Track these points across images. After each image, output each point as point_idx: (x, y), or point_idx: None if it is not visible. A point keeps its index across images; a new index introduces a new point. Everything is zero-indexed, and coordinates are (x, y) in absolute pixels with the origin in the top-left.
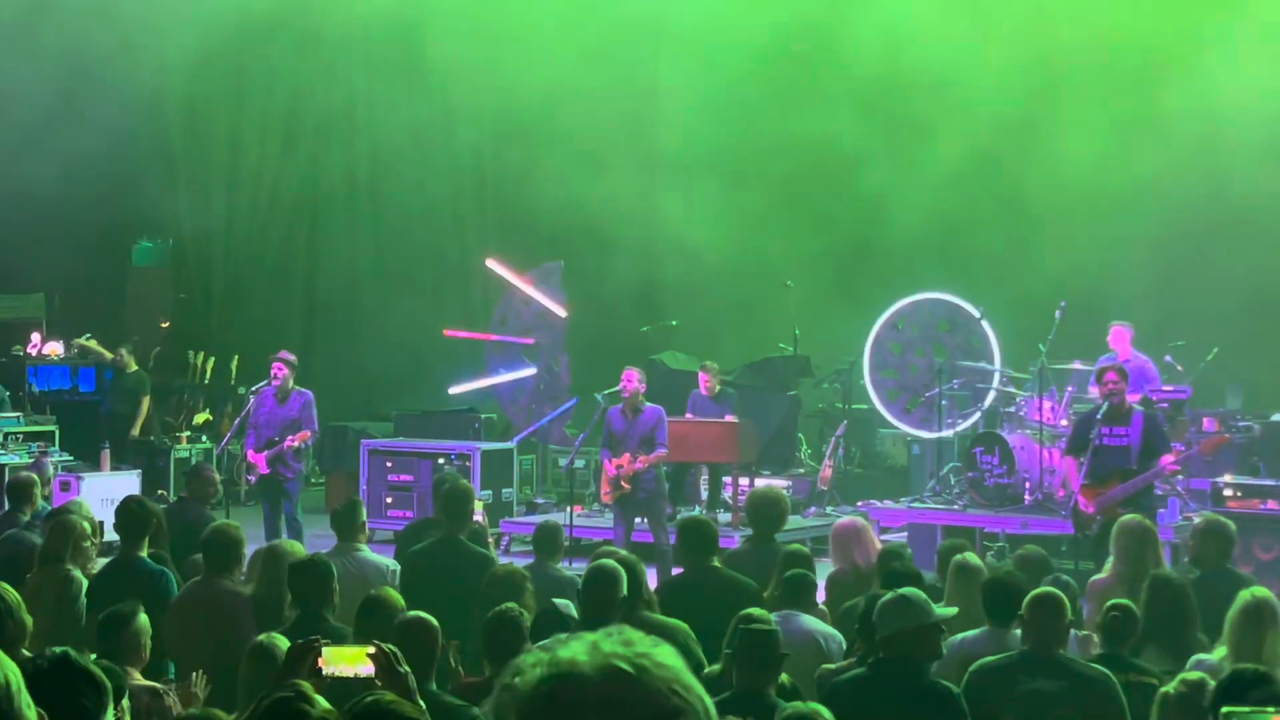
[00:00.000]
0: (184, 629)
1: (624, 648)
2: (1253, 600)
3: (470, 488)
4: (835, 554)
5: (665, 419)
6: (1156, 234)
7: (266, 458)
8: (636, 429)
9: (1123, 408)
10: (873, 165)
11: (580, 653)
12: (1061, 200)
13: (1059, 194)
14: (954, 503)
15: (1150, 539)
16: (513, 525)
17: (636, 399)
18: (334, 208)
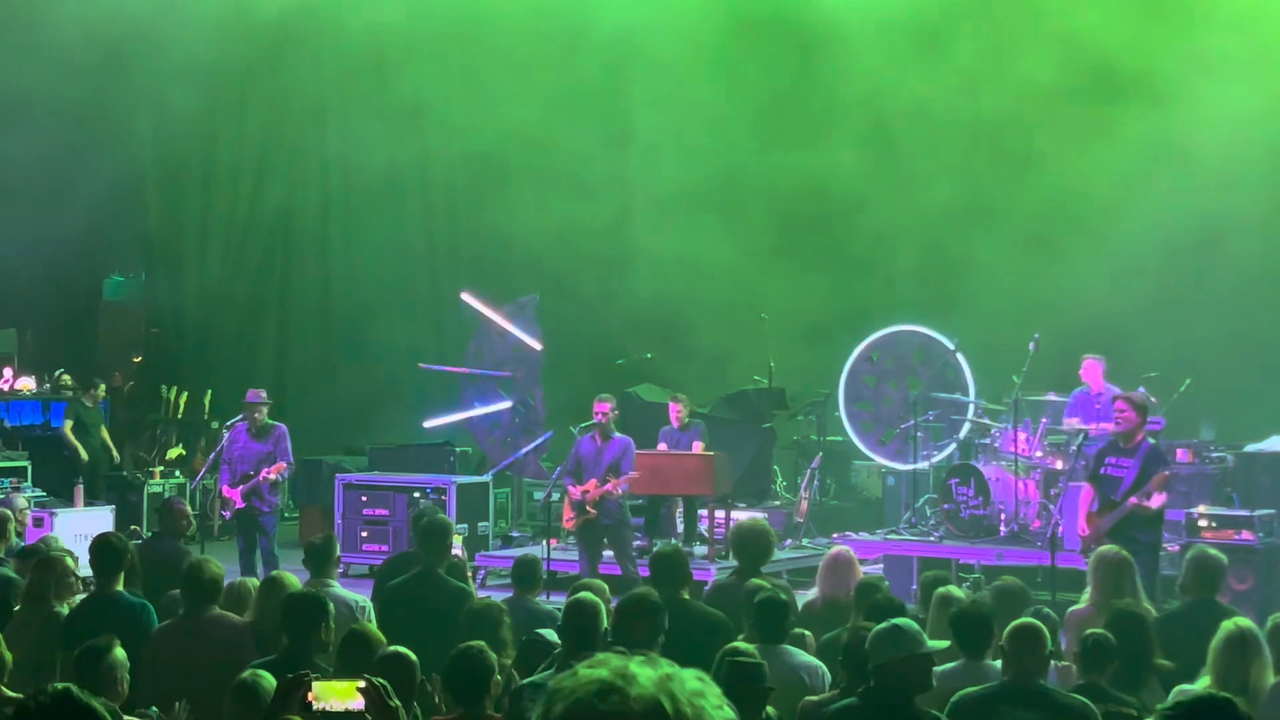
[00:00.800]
0: (170, 665)
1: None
2: (1236, 630)
3: (448, 521)
4: (823, 582)
5: (634, 450)
6: (1130, 266)
7: (242, 491)
8: (605, 456)
9: (1131, 439)
10: (850, 198)
11: (649, 676)
12: (1036, 232)
13: (1033, 226)
14: (930, 534)
15: (1127, 570)
16: (489, 559)
17: (609, 426)
18: (307, 241)
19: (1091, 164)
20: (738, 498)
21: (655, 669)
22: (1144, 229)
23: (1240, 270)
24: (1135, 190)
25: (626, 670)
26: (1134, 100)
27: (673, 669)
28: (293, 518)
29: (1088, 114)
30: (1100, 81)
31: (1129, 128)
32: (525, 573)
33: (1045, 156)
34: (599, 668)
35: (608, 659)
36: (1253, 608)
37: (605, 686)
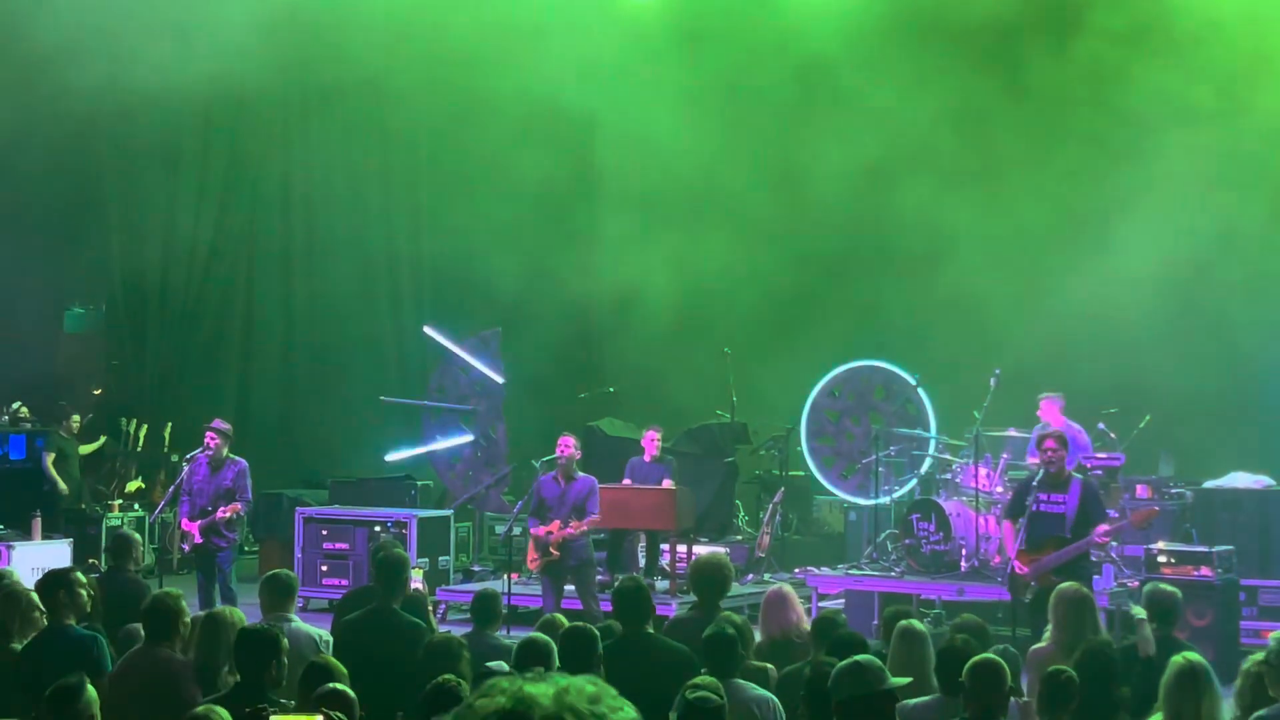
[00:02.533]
0: (123, 699)
1: (588, 703)
2: (1186, 665)
3: (405, 556)
4: (763, 623)
5: (598, 489)
6: (1090, 302)
7: (200, 527)
8: (569, 497)
9: (1061, 475)
10: (810, 229)
11: (546, 694)
12: (996, 268)
13: (993, 262)
14: (891, 569)
15: (1088, 606)
16: (449, 594)
17: (571, 466)
18: (270, 274)
19: (1055, 203)
20: (700, 532)
21: (549, 685)
22: (1106, 267)
23: (1200, 308)
24: (1097, 229)
25: (522, 693)
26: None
27: (566, 680)
28: (253, 551)
29: (1051, 154)
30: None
31: (1094, 170)
32: (484, 608)
33: (1008, 193)
34: (495, 696)
35: (497, 685)
36: (1211, 644)
37: (505, 715)
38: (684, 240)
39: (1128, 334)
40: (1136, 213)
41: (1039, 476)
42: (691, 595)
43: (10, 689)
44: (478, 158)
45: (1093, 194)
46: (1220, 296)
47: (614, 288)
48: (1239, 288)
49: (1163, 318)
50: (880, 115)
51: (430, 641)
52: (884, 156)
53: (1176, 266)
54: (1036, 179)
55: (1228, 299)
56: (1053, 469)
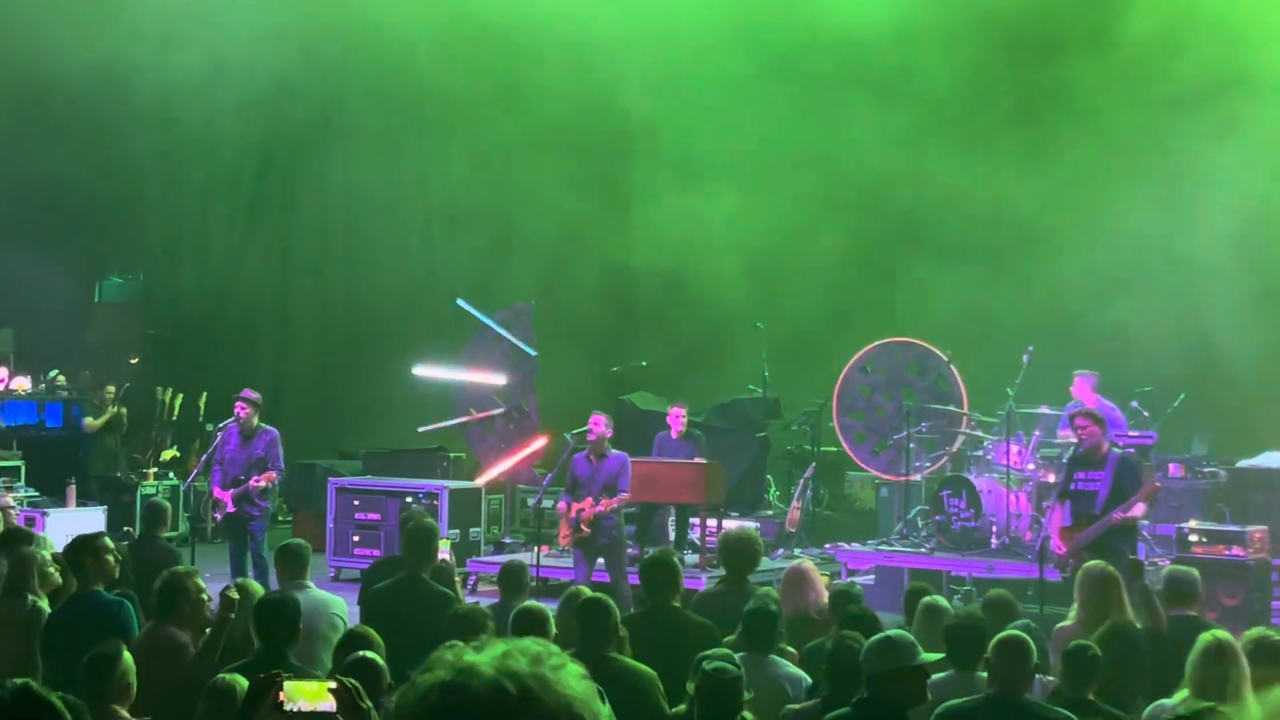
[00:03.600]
0: None
1: (530, 664)
2: (1214, 641)
3: (434, 525)
4: (783, 599)
5: (629, 466)
6: (1126, 280)
7: (233, 495)
8: (601, 475)
9: (1097, 453)
10: (840, 210)
11: (485, 660)
12: (1031, 244)
13: (1028, 238)
14: (921, 546)
15: (1114, 586)
16: (480, 565)
17: (602, 444)
18: (306, 245)
19: (1090, 177)
20: (730, 507)
21: (491, 652)
22: (1140, 242)
23: (1236, 286)
24: (1132, 204)
25: (461, 663)
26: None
27: (509, 644)
28: (286, 521)
29: (1088, 120)
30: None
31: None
32: (512, 578)
33: (1045, 165)
34: (436, 669)
35: (441, 658)
36: (1243, 623)
37: (445, 687)
38: (720, 217)
39: (1163, 311)
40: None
41: (1077, 454)
42: (720, 569)
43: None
44: (516, 130)
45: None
46: (1261, 276)
47: (647, 263)
48: None
49: (1201, 296)
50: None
51: (455, 612)
52: (923, 131)
53: (1214, 247)
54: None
55: (1267, 278)
56: (1084, 446)
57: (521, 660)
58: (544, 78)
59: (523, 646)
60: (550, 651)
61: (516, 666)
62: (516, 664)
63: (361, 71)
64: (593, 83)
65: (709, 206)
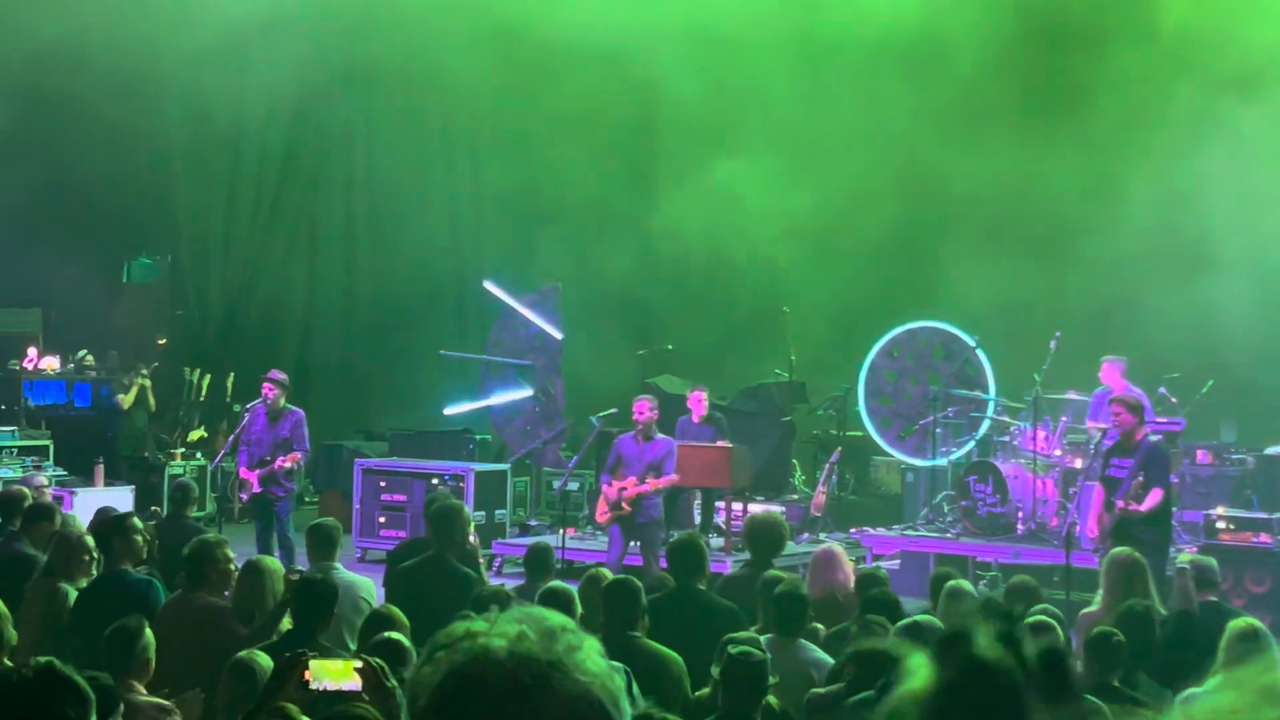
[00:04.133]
0: (163, 645)
1: (544, 647)
2: (1247, 627)
3: (459, 505)
4: (811, 582)
5: (675, 452)
6: (1153, 264)
7: (259, 476)
8: (647, 455)
9: (1129, 440)
10: (871, 194)
11: (500, 645)
12: (1058, 230)
13: (1054, 224)
14: (947, 531)
15: (1139, 572)
16: (505, 547)
17: (650, 427)
18: (333, 226)
19: (1117, 163)
20: (756, 491)
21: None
22: (1167, 227)
23: (1265, 271)
24: (1158, 190)
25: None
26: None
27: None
28: (313, 502)
29: (1117, 116)
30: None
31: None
32: (537, 561)
33: (1070, 154)
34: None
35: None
36: (1270, 610)
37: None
38: (751, 201)
39: (1191, 297)
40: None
41: (1115, 441)
42: (745, 553)
43: (56, 626)
44: (541, 111)
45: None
46: None
47: (673, 245)
48: None
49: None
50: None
51: (479, 594)
52: (957, 115)
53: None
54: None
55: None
56: (1119, 433)
57: (536, 643)
58: (573, 59)
59: (537, 619)
60: (566, 628)
61: (532, 651)
62: (531, 648)
63: (387, 56)
64: (623, 64)
65: (739, 190)
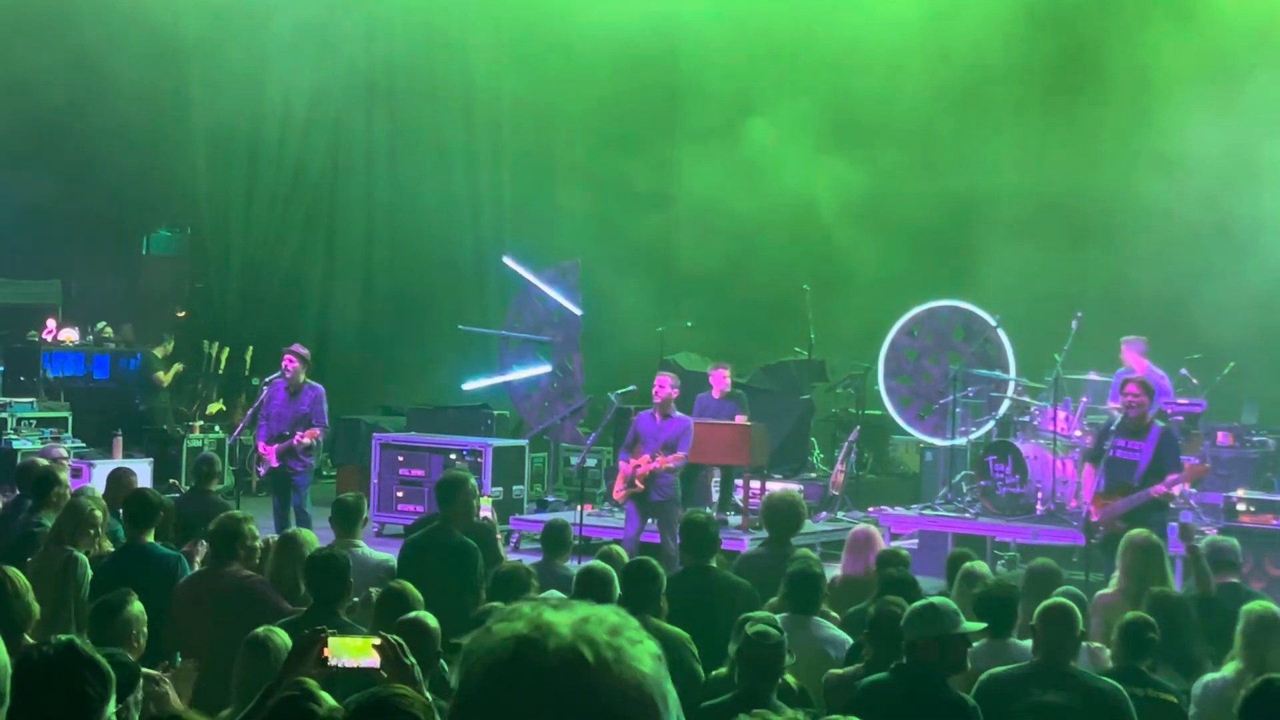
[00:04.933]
0: (188, 618)
1: (608, 634)
2: (1265, 612)
3: (464, 476)
4: (846, 560)
5: (692, 430)
6: (1175, 245)
7: (277, 451)
8: (664, 433)
9: (1141, 422)
10: (891, 172)
11: (564, 623)
12: (1079, 210)
13: (1075, 204)
14: (965, 511)
15: (1156, 555)
16: (523, 523)
17: (669, 404)
18: (353, 200)
19: (1139, 147)
20: (774, 469)
21: (571, 613)
22: (1191, 210)
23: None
24: (1181, 172)
25: (541, 620)
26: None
27: (590, 610)
28: (330, 476)
29: (1139, 98)
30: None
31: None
32: (554, 537)
33: (1094, 138)
34: (514, 621)
35: (519, 610)
36: None
37: (521, 641)
38: (763, 175)
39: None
40: None
41: (1118, 421)
42: (763, 531)
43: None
44: (559, 88)
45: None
46: None
47: (695, 222)
48: None
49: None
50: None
51: (499, 570)
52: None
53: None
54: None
55: None
56: (1132, 414)
57: (600, 629)
58: (592, 33)
59: (602, 614)
60: (629, 625)
61: (594, 634)
62: (595, 631)
63: (405, 35)
64: (643, 38)
65: (761, 169)
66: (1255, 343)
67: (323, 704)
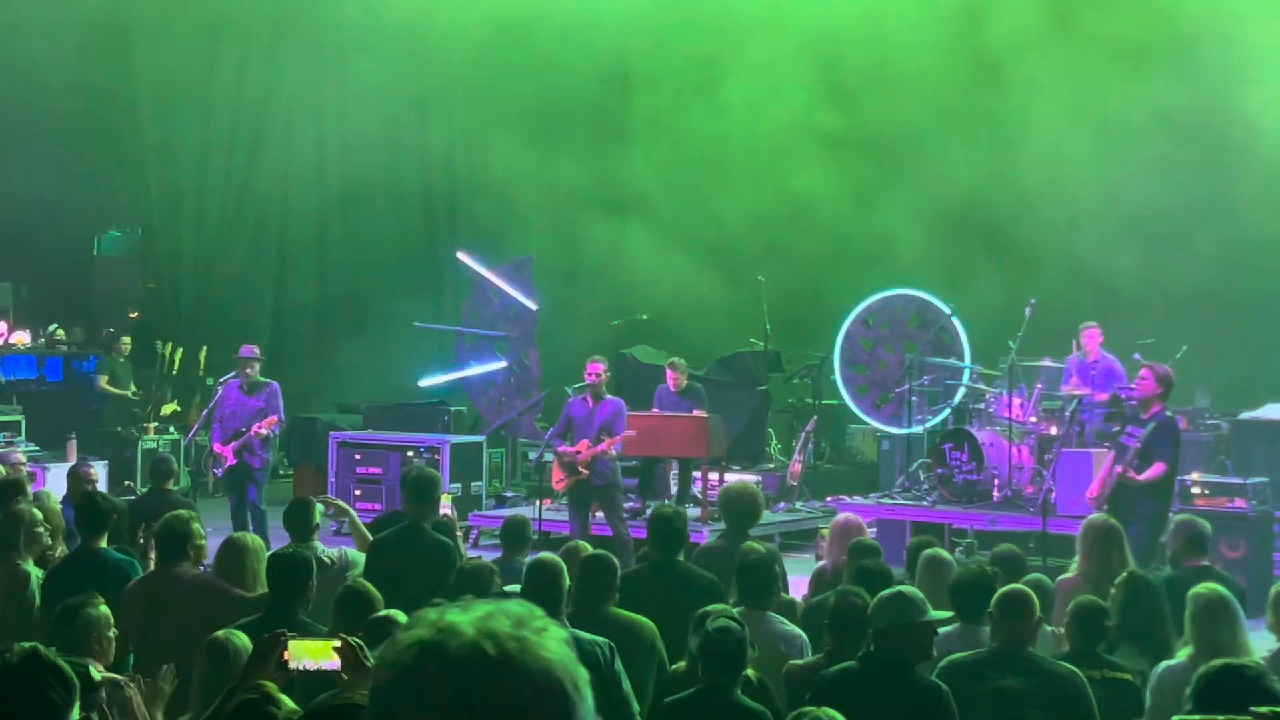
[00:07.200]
0: (138, 621)
1: (512, 626)
2: (1214, 595)
3: (434, 474)
4: (833, 550)
5: (625, 411)
6: (1127, 231)
7: (234, 448)
8: (597, 418)
9: (1147, 408)
10: (846, 164)
11: (466, 620)
12: (1029, 199)
13: (1026, 193)
14: (923, 499)
15: (1115, 539)
16: (482, 518)
17: (600, 388)
18: (304, 199)
19: (1085, 129)
20: (732, 460)
21: (473, 612)
22: (1140, 194)
23: (1236, 237)
24: (1129, 155)
25: (443, 623)
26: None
27: (493, 606)
28: (287, 475)
29: (1075, 85)
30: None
31: (1126, 97)
32: (514, 533)
33: (1038, 123)
34: (418, 627)
35: (424, 616)
36: (1244, 575)
37: (423, 646)
38: (715, 169)
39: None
40: None
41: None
42: (722, 523)
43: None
44: (513, 83)
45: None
46: (1262, 226)
47: (649, 214)
48: None
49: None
50: None
51: (461, 567)
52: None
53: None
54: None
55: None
56: (1137, 395)
57: (503, 622)
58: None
59: (507, 608)
60: (534, 614)
61: (497, 628)
62: (497, 625)
63: (355, 25)
64: (592, 29)
65: (713, 159)
66: (1207, 326)
67: (282, 707)
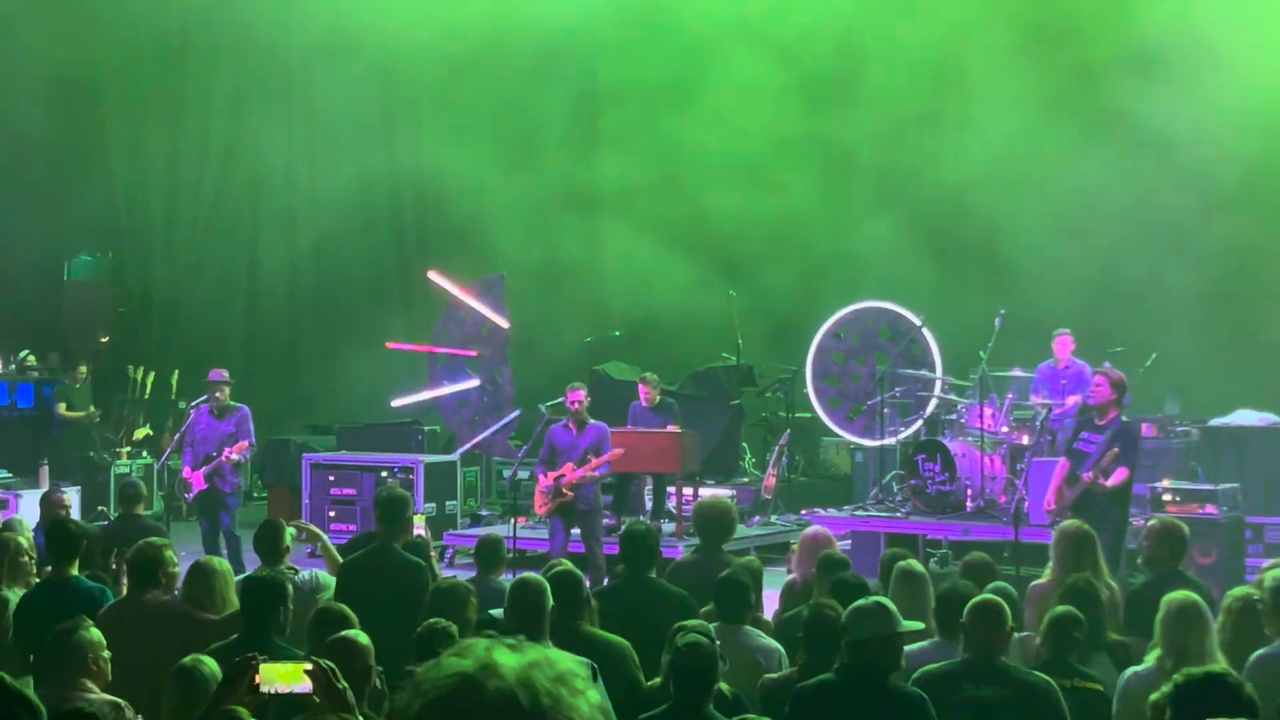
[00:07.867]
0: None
1: (550, 680)
2: (1186, 601)
3: (405, 494)
4: (802, 564)
5: (609, 435)
6: (1096, 241)
7: (204, 473)
8: (582, 443)
9: (1104, 414)
10: (814, 174)
11: (511, 665)
12: (1000, 208)
13: (997, 203)
14: (897, 510)
15: (1088, 544)
16: (456, 538)
17: (582, 415)
18: (274, 220)
19: (1062, 144)
20: (706, 475)
21: (522, 656)
22: (1111, 205)
23: (1207, 245)
24: (1103, 167)
25: (489, 660)
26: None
27: (541, 654)
28: (261, 498)
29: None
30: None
31: (1095, 103)
32: (488, 552)
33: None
34: (465, 657)
35: (474, 646)
36: (1216, 581)
37: (463, 680)
38: (690, 183)
39: (1134, 272)
40: None
41: (1089, 414)
42: (696, 538)
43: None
44: (483, 99)
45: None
46: (1232, 235)
47: (619, 231)
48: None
49: (1171, 256)
50: None
51: (437, 587)
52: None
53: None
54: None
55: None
56: (1090, 402)
57: (545, 673)
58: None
59: (554, 659)
60: (578, 674)
61: (537, 679)
62: (538, 676)
63: (323, 45)
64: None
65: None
66: (1177, 334)
67: None
